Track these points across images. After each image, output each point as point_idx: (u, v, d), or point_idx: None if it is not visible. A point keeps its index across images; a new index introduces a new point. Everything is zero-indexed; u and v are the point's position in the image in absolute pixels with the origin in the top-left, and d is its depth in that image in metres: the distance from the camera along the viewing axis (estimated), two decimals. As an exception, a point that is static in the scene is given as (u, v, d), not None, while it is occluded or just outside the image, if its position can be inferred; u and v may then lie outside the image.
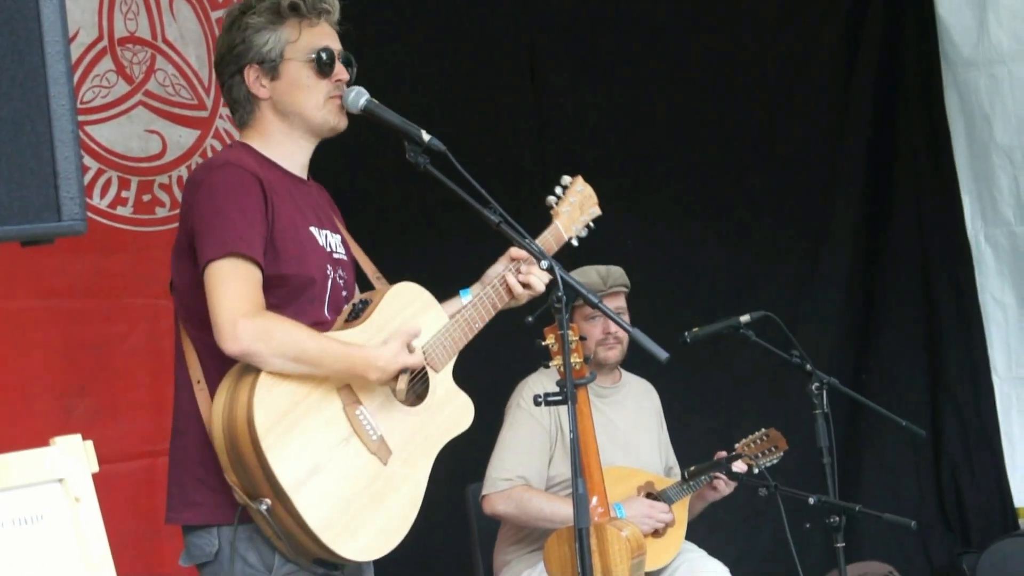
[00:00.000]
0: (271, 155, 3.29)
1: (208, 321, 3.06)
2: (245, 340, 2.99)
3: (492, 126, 6.28)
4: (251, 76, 3.28)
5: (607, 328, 4.86)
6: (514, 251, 3.46)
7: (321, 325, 3.19)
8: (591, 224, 3.75)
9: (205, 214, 3.11)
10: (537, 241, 3.48)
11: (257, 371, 3.02)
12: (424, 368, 3.28)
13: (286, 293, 3.17)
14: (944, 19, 6.90)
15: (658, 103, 6.78)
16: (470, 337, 3.39)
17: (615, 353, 4.92)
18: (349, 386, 3.16)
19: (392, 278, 3.42)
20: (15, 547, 1.89)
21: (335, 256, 3.32)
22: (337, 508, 3.06)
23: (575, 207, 3.70)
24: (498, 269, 3.48)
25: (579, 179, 3.77)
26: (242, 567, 3.11)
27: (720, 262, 6.80)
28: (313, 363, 3.07)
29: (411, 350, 3.20)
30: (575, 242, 3.71)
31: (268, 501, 2.98)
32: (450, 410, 3.34)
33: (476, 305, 3.41)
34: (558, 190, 3.71)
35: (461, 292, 3.49)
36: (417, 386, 3.30)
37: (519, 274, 3.44)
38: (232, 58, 3.30)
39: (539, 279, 3.42)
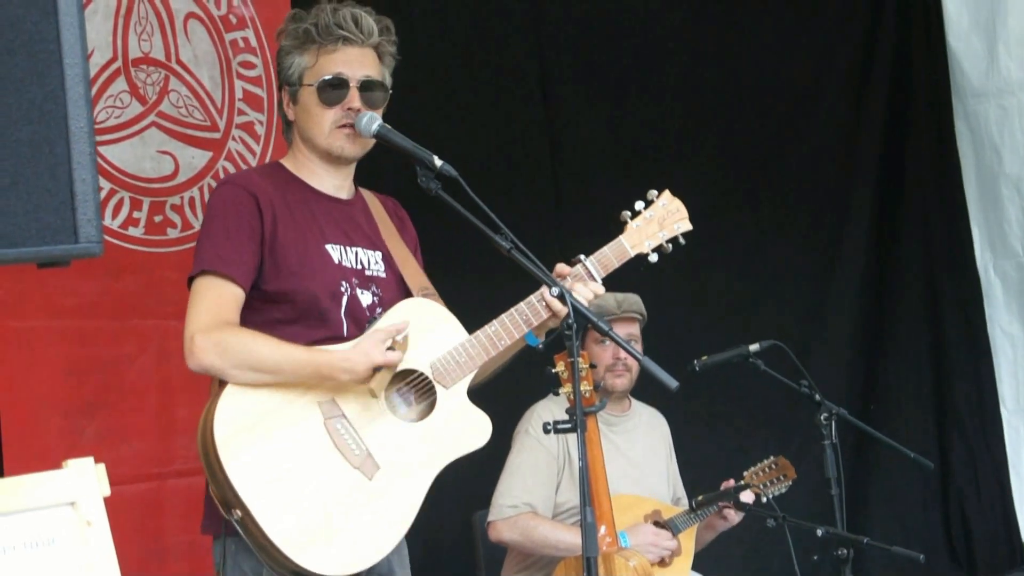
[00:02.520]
0: (303, 175, 3.37)
1: None
2: (199, 355, 3.08)
3: (504, 145, 6.29)
4: (285, 99, 3.40)
5: (617, 353, 4.85)
6: (560, 268, 3.39)
7: (337, 340, 3.20)
8: (681, 239, 3.64)
9: (200, 233, 3.27)
10: (595, 256, 3.44)
11: (223, 384, 3.09)
12: (431, 382, 3.26)
13: (291, 309, 3.21)
14: (954, 48, 6.90)
15: (668, 125, 6.79)
16: (492, 353, 3.32)
17: (623, 381, 4.89)
18: (333, 400, 3.16)
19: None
20: (27, 571, 1.88)
21: (367, 273, 3.34)
22: (304, 521, 3.05)
23: (652, 222, 3.58)
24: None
25: (665, 193, 3.65)
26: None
27: (729, 290, 6.79)
28: (273, 371, 3.09)
29: (395, 348, 3.15)
30: (654, 258, 3.60)
31: (238, 512, 3.01)
32: (460, 427, 3.29)
33: (504, 321, 3.33)
34: (638, 204, 3.59)
35: (528, 339, 3.39)
36: (423, 401, 3.27)
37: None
38: (277, 77, 3.45)
39: (582, 297, 3.30)
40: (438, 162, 3.17)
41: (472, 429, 3.31)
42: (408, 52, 5.92)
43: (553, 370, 3.63)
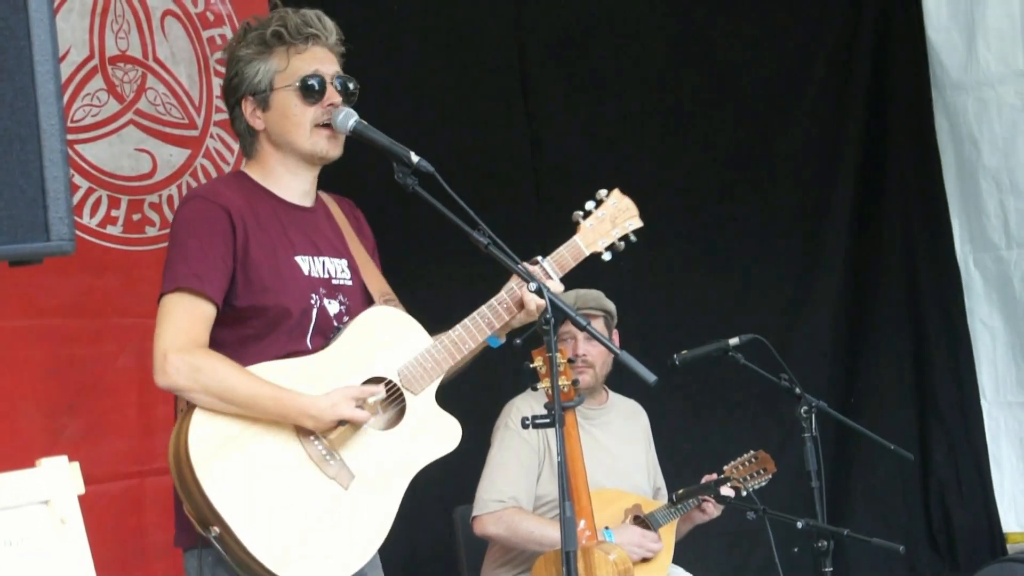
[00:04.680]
0: (269, 185, 3.32)
1: None
2: (172, 375, 3.07)
3: (484, 142, 6.29)
4: (248, 109, 3.33)
5: (576, 350, 4.83)
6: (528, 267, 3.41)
7: (299, 355, 3.20)
8: (632, 236, 3.66)
9: (169, 247, 3.21)
10: (551, 257, 3.46)
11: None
12: (400, 389, 3.27)
13: (261, 324, 3.20)
14: (934, 42, 6.92)
15: (649, 125, 6.80)
16: (457, 357, 3.34)
17: (585, 377, 4.85)
18: None
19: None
20: (1, 568, 1.88)
21: (333, 282, 3.33)
22: (284, 534, 3.06)
23: (604, 220, 3.61)
24: (510, 285, 3.42)
25: (615, 192, 3.68)
26: None
27: (710, 285, 6.80)
28: (242, 405, 3.10)
29: (363, 406, 3.17)
30: (607, 256, 3.62)
31: (216, 529, 3.01)
32: (431, 432, 3.31)
33: (467, 325, 3.36)
34: (589, 204, 3.62)
35: (490, 340, 3.42)
36: (392, 409, 3.28)
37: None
38: (230, 91, 3.35)
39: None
40: (415, 158, 3.17)
41: (443, 434, 3.32)
42: (389, 48, 5.97)
43: (531, 365, 3.64)
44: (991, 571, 6.12)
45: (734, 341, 4.86)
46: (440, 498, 5.15)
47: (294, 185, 3.36)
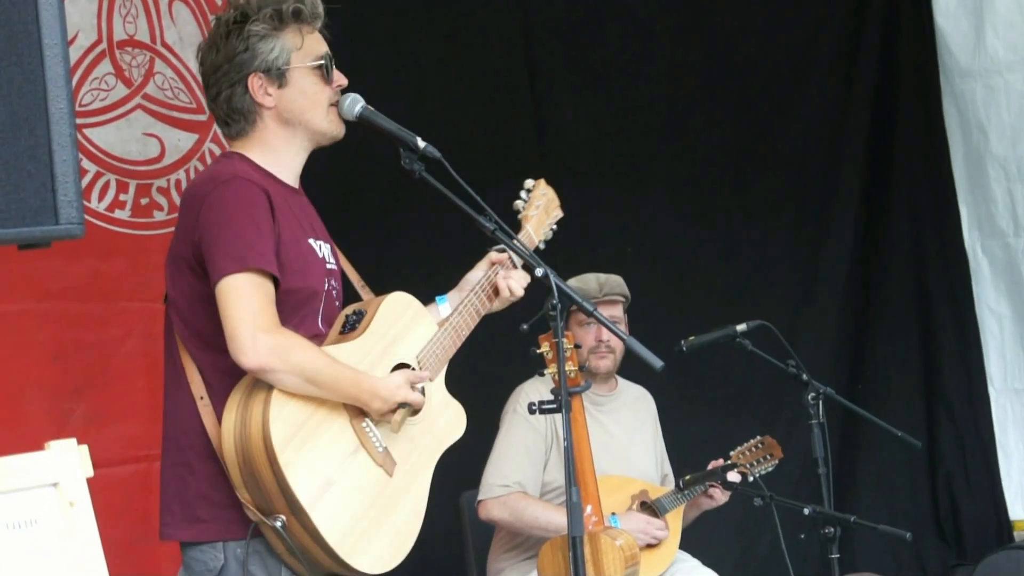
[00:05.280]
0: (269, 166, 3.22)
1: (211, 337, 3.05)
2: (263, 355, 2.96)
3: (490, 131, 6.29)
4: (255, 84, 3.20)
5: (600, 335, 4.86)
6: (494, 255, 3.45)
7: (316, 338, 3.16)
8: (555, 227, 3.72)
9: (218, 229, 3.05)
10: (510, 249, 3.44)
11: (269, 387, 2.99)
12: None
13: (289, 307, 3.12)
14: (942, 28, 6.90)
15: (656, 110, 6.79)
16: (458, 345, 3.36)
17: (606, 363, 4.91)
18: None
19: (378, 284, 3.40)
20: (9, 551, 1.88)
21: (327, 266, 3.29)
22: (350, 522, 3.05)
23: (542, 211, 3.66)
24: (478, 275, 3.46)
25: (541, 182, 3.73)
26: None
27: (717, 271, 6.81)
28: (324, 387, 3.05)
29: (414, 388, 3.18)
30: (542, 246, 3.66)
31: (283, 517, 2.96)
32: (445, 419, 3.33)
33: (462, 312, 3.38)
34: (523, 194, 3.67)
35: (437, 299, 3.45)
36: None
37: (504, 279, 3.43)
38: (234, 67, 3.20)
39: (518, 283, 3.42)
40: (421, 143, 3.15)
41: (453, 421, 3.34)
42: (395, 37, 5.96)
43: (538, 351, 3.64)
44: (998, 558, 6.13)
45: (742, 327, 4.86)
46: (447, 483, 5.14)
47: (294, 165, 3.28)
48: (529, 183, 3.70)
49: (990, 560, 6.14)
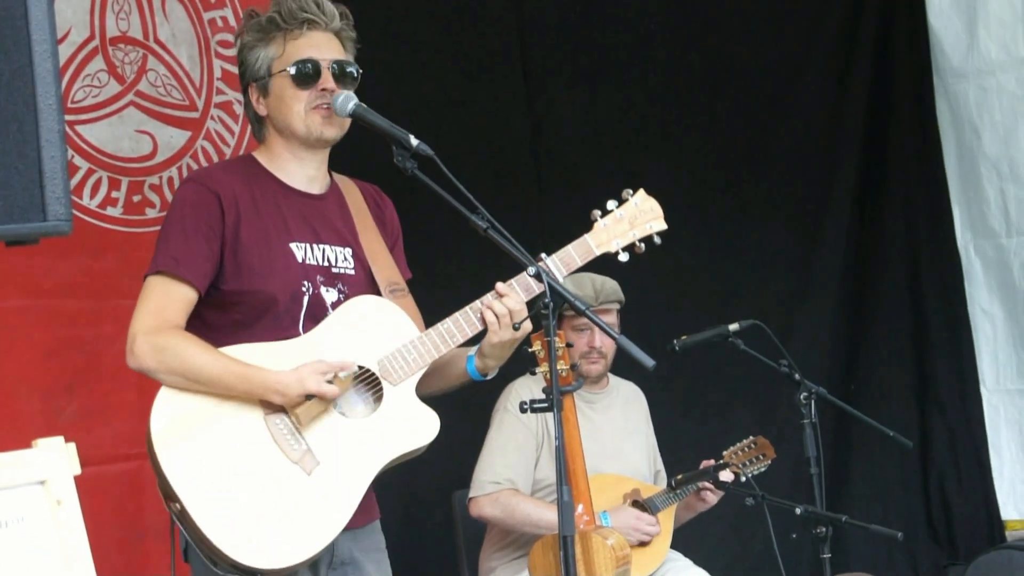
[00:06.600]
0: (274, 170, 3.35)
1: (198, 334, 3.19)
2: (139, 356, 3.14)
3: (485, 129, 6.28)
4: (253, 96, 3.38)
5: (592, 342, 4.87)
6: (500, 287, 3.31)
7: (288, 339, 3.22)
8: (656, 238, 3.57)
9: (160, 230, 3.28)
10: (557, 255, 3.39)
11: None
12: (379, 381, 3.24)
13: (248, 309, 3.22)
14: (935, 29, 6.91)
15: (650, 109, 6.79)
16: (443, 351, 3.28)
17: (598, 368, 4.93)
18: None
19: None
20: (-5, 548, 1.88)
21: (333, 270, 3.32)
22: (240, 515, 3.06)
23: (622, 221, 3.51)
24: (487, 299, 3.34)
25: (640, 192, 3.60)
26: (199, 563, 3.14)
27: (710, 270, 6.80)
28: (207, 383, 3.12)
29: (333, 380, 3.15)
30: (624, 257, 3.52)
31: (177, 506, 3.05)
32: (405, 424, 3.25)
33: (457, 318, 3.31)
34: (611, 203, 3.53)
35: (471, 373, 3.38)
36: (373, 400, 3.25)
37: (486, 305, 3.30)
38: (241, 79, 3.41)
39: (500, 308, 3.27)
40: (414, 141, 3.16)
41: (418, 426, 3.26)
42: (389, 33, 5.96)
43: (530, 349, 3.64)
44: (989, 558, 6.13)
45: (734, 327, 4.86)
46: (439, 482, 5.15)
47: (299, 170, 3.37)
48: (627, 192, 3.55)
49: (982, 560, 6.15)
